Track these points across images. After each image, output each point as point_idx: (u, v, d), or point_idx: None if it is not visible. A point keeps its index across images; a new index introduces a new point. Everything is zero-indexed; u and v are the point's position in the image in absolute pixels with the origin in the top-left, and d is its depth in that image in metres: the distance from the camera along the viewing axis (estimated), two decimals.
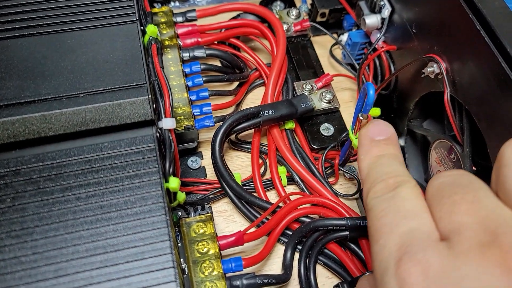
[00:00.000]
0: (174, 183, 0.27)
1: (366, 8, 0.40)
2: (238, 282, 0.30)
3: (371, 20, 0.39)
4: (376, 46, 0.40)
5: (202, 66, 0.39)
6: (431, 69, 0.33)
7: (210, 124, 0.36)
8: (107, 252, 0.24)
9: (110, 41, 0.31)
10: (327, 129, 0.39)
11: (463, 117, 0.32)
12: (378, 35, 0.40)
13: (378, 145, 0.28)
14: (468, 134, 0.32)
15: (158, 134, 0.28)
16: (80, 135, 0.28)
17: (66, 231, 0.25)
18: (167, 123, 0.29)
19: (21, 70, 0.30)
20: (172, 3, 0.48)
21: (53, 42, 0.31)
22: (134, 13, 0.33)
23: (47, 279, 0.23)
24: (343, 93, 0.43)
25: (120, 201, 0.26)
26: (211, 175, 0.38)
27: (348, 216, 0.34)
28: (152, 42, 0.33)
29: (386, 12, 0.38)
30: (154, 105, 0.29)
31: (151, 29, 0.33)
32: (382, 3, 0.38)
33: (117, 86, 0.29)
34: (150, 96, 0.29)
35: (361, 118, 0.33)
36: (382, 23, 0.39)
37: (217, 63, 0.42)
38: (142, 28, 0.33)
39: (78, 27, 0.32)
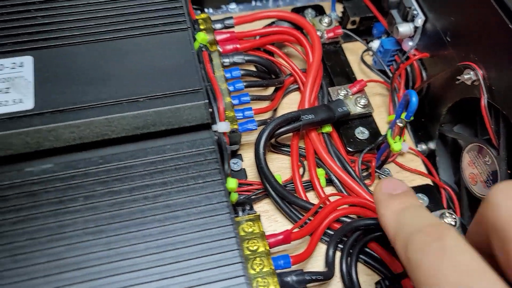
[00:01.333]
0: (233, 183, 0.29)
1: (398, 17, 0.42)
2: (288, 278, 0.31)
3: (404, 28, 0.41)
4: (409, 54, 0.41)
5: (241, 72, 0.41)
6: (468, 76, 0.35)
7: (253, 128, 0.37)
8: (177, 248, 0.25)
9: (164, 48, 0.33)
10: (361, 132, 0.41)
11: (499, 122, 0.34)
12: (410, 43, 0.41)
13: (399, 198, 0.28)
14: (504, 138, 0.34)
15: (216, 137, 0.30)
16: (142, 137, 0.29)
17: (137, 229, 0.26)
18: (222, 127, 0.31)
19: (81, 76, 0.31)
20: (206, 10, 0.49)
21: (111, 49, 0.32)
22: (186, 21, 0.34)
23: (123, 273, 0.25)
24: (374, 98, 0.44)
25: (186, 200, 0.27)
26: (251, 176, 0.39)
27: None
28: (203, 49, 0.34)
29: (419, 21, 0.40)
30: (210, 109, 0.31)
31: (201, 36, 0.35)
32: (415, 12, 0.40)
33: (174, 91, 0.31)
34: (207, 101, 0.30)
35: (399, 124, 0.34)
36: (415, 31, 0.41)
37: (252, 68, 0.44)
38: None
39: (134, 34, 0.33)
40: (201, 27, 0.41)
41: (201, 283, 0.25)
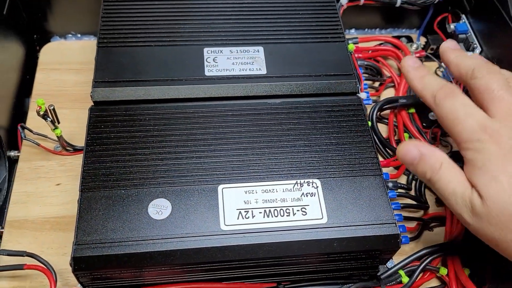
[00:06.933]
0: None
1: (463, 48, 0.67)
2: (388, 184, 0.56)
3: None
4: None
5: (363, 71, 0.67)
6: None
7: (370, 103, 0.63)
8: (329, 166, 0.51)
9: (334, 50, 0.59)
10: (433, 116, 0.66)
11: None
12: None
13: (419, 69, 0.47)
14: None
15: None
16: (317, 95, 0.55)
17: (305, 145, 0.52)
18: (363, 95, 0.57)
19: (289, 57, 0.57)
20: None
21: (303, 48, 0.59)
22: (344, 37, 0.60)
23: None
24: None
25: (346, 128, 0.53)
26: None
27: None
28: (351, 54, 0.61)
29: (477, 51, 0.65)
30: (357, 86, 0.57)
31: (350, 46, 0.61)
32: (475, 45, 0.65)
33: (339, 73, 0.56)
34: (356, 80, 0.56)
35: None
36: None
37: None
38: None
39: (319, 41, 0.59)
40: None
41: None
